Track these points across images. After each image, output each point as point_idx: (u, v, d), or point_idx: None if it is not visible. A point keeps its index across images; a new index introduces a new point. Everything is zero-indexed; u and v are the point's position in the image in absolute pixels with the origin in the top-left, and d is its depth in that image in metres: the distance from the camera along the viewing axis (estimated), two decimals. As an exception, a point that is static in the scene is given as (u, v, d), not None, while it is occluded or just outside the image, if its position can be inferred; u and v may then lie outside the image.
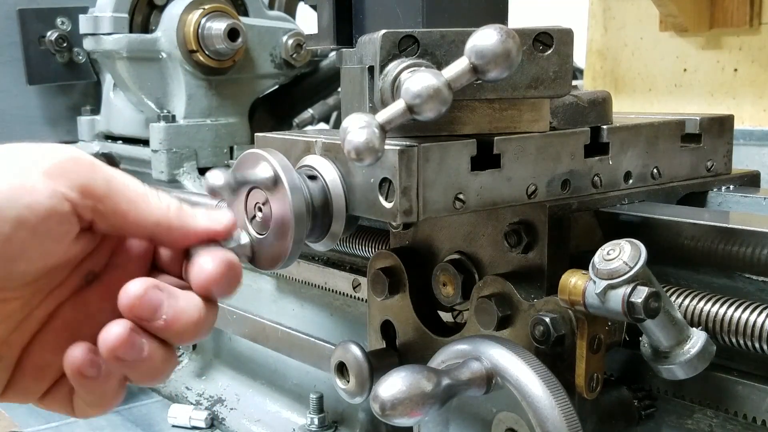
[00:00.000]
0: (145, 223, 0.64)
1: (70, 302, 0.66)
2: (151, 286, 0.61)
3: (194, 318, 0.63)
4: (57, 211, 0.59)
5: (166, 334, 0.62)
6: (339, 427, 1.35)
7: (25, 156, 0.61)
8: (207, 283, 0.63)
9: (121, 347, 0.60)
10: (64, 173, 0.60)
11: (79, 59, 2.00)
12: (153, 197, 0.65)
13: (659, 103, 1.64)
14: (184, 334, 0.63)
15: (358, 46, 0.78)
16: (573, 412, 0.71)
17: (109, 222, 0.62)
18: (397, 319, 0.93)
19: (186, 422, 1.50)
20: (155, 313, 0.61)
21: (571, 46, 0.76)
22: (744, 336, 0.72)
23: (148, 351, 0.61)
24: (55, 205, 0.59)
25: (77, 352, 0.62)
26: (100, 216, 0.62)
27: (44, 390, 0.66)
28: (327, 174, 0.76)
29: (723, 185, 0.95)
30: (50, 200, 0.59)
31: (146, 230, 0.64)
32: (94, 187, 0.61)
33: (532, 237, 0.80)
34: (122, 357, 0.60)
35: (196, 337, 0.64)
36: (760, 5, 1.46)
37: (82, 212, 0.61)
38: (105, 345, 0.60)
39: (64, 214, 0.59)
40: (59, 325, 0.65)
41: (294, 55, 1.82)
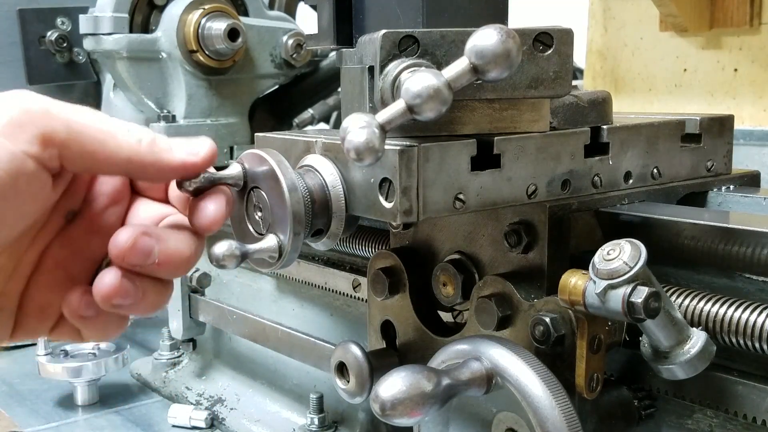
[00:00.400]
0: (116, 160, 0.61)
1: (57, 241, 0.66)
2: (140, 233, 0.61)
3: (186, 255, 0.64)
4: (22, 172, 0.57)
5: (159, 273, 0.63)
6: (339, 427, 1.35)
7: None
8: (209, 225, 0.64)
9: (116, 295, 0.61)
10: (20, 129, 0.58)
11: (79, 59, 2.00)
12: (122, 132, 0.62)
13: (659, 103, 1.64)
14: (177, 271, 0.64)
15: (358, 46, 0.78)
16: (573, 412, 0.71)
17: (78, 165, 0.61)
18: (397, 319, 0.93)
19: (186, 422, 1.50)
20: (146, 259, 0.61)
21: (571, 46, 0.76)
22: (744, 336, 0.72)
23: (142, 291, 0.62)
24: (18, 167, 0.57)
25: (73, 297, 0.63)
26: (67, 161, 0.60)
27: (51, 326, 0.67)
28: (327, 174, 0.76)
29: (723, 185, 0.95)
30: (12, 164, 0.57)
31: (118, 168, 0.62)
32: (54, 134, 0.59)
33: (532, 237, 0.80)
34: (118, 303, 0.61)
35: (188, 269, 0.65)
36: (760, 5, 1.46)
37: (47, 163, 0.59)
38: (100, 294, 0.61)
39: (31, 172, 0.58)
40: (51, 264, 0.66)
41: (294, 55, 1.82)
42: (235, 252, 0.67)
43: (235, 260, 0.67)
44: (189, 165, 0.65)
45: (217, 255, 0.67)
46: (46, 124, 0.59)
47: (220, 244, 0.67)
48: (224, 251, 0.67)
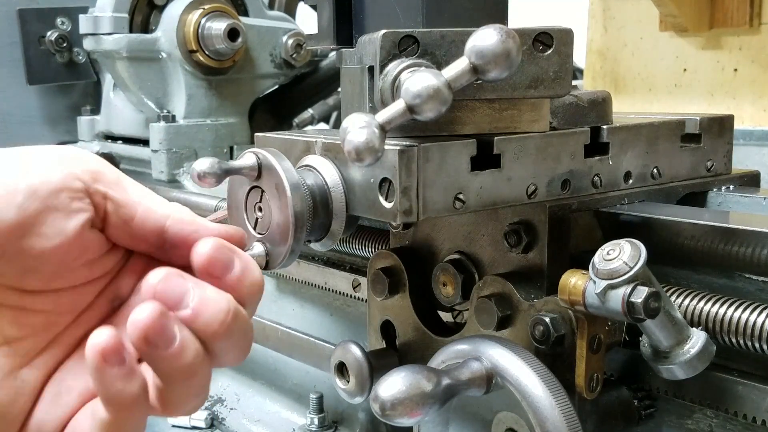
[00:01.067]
0: (156, 214, 0.63)
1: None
2: (173, 273, 0.58)
3: (223, 308, 0.58)
4: (69, 186, 0.60)
5: (195, 326, 0.58)
6: (339, 427, 1.35)
7: (38, 149, 0.62)
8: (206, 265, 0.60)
9: (152, 328, 0.55)
10: (76, 160, 0.62)
11: (79, 59, 2.00)
12: (162, 198, 0.65)
13: (659, 103, 1.64)
14: (214, 327, 0.58)
15: (358, 46, 0.78)
16: (573, 412, 0.71)
17: (120, 213, 0.62)
18: (397, 319, 0.93)
19: (186, 422, 1.50)
20: (181, 301, 0.57)
21: (571, 46, 0.76)
22: (744, 336, 0.72)
23: (180, 340, 0.57)
24: (67, 181, 0.60)
25: (102, 333, 0.56)
26: (111, 205, 0.61)
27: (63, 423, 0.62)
28: (327, 174, 0.76)
29: (723, 185, 0.95)
30: (62, 176, 0.60)
31: (156, 222, 0.63)
32: (105, 174, 0.62)
33: (532, 237, 0.80)
34: (153, 340, 0.55)
35: (230, 337, 0.59)
36: (760, 5, 1.46)
37: (93, 195, 0.61)
38: (135, 325, 0.55)
39: (76, 190, 0.60)
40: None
41: (294, 55, 1.82)
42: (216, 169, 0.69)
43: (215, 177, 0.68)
44: (225, 234, 0.64)
45: (200, 170, 0.68)
46: (99, 165, 0.63)
47: (201, 160, 0.69)
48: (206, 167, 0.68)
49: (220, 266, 0.59)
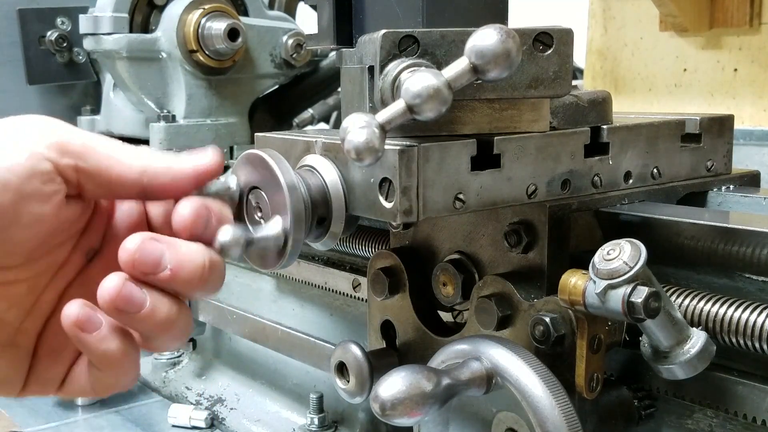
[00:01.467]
0: (130, 173, 0.63)
1: (76, 283, 0.67)
2: (148, 237, 0.60)
3: (199, 264, 0.61)
4: (38, 170, 0.59)
5: (175, 284, 0.61)
6: (339, 427, 1.35)
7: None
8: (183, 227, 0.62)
9: (119, 298, 0.59)
10: (39, 135, 0.61)
11: (79, 59, 2.00)
12: (133, 150, 0.64)
13: (659, 103, 1.64)
14: (193, 282, 0.61)
15: (358, 46, 0.78)
16: (573, 412, 0.71)
17: (95, 180, 0.62)
18: (397, 319, 0.93)
19: (186, 422, 1.50)
20: (158, 265, 0.60)
21: (571, 46, 0.76)
22: (744, 336, 0.72)
23: (151, 303, 0.60)
24: (34, 164, 0.59)
25: (73, 306, 0.60)
26: (84, 175, 0.61)
27: (62, 377, 0.66)
28: (327, 174, 0.76)
29: (723, 185, 0.95)
30: (29, 161, 0.59)
31: (133, 181, 0.63)
32: (71, 144, 0.61)
33: (532, 237, 0.80)
34: (122, 308, 0.59)
35: (205, 287, 0.62)
36: (760, 5, 1.46)
37: (64, 171, 0.61)
38: (102, 297, 0.59)
39: (47, 172, 0.59)
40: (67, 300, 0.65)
41: (294, 55, 1.82)
42: (240, 240, 0.65)
43: (239, 248, 0.65)
44: (201, 169, 0.65)
45: (222, 242, 0.64)
46: (64, 135, 0.62)
47: (224, 229, 0.65)
48: (229, 239, 0.64)
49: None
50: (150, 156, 0.64)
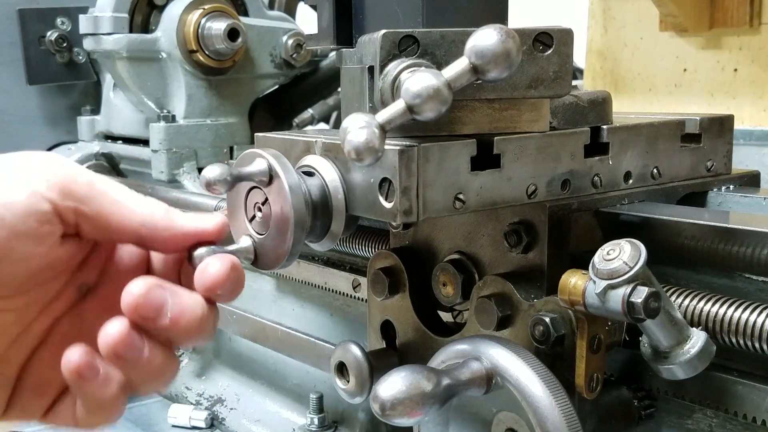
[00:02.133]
0: (130, 224, 0.62)
1: (68, 317, 0.66)
2: (153, 284, 0.60)
3: (198, 315, 0.61)
4: (36, 210, 0.58)
5: (172, 333, 0.61)
6: (339, 427, 1.35)
7: (2, 162, 0.61)
8: (212, 286, 0.62)
9: (122, 344, 0.59)
10: (43, 174, 0.60)
11: (79, 59, 2.00)
12: (138, 199, 0.64)
13: (659, 103, 1.64)
14: (189, 332, 0.61)
15: (358, 46, 0.78)
16: (573, 412, 0.71)
17: (93, 224, 0.62)
18: (397, 319, 0.93)
19: (186, 422, 1.50)
20: (160, 312, 0.60)
21: (571, 46, 0.76)
22: (744, 336, 0.72)
23: (148, 351, 0.60)
24: (33, 203, 0.58)
25: (75, 353, 0.60)
26: (83, 218, 0.61)
27: (46, 407, 0.65)
28: (327, 174, 0.76)
29: (723, 185, 0.95)
30: (29, 199, 0.58)
31: (132, 232, 0.63)
32: (75, 188, 0.61)
33: (532, 237, 0.80)
34: (122, 355, 0.59)
35: (200, 336, 0.63)
36: (760, 5, 1.46)
37: (64, 213, 0.60)
38: (105, 342, 0.59)
39: (44, 213, 0.59)
40: (57, 340, 0.65)
41: (294, 55, 1.82)
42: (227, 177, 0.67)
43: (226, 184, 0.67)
44: (201, 232, 0.64)
45: (210, 178, 0.66)
46: (69, 177, 0.61)
47: (211, 167, 0.66)
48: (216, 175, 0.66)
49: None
50: (153, 209, 0.64)
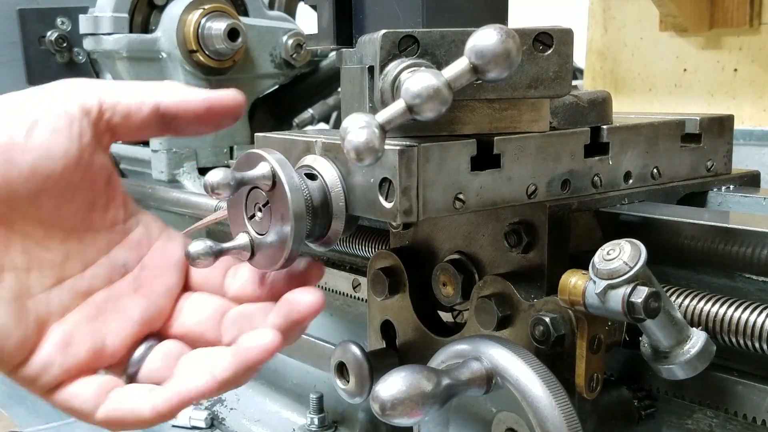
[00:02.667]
0: (148, 94, 0.70)
1: (104, 292, 0.70)
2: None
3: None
4: (66, 112, 0.65)
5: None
6: (339, 427, 1.35)
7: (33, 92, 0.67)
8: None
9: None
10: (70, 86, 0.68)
11: (79, 59, 2.00)
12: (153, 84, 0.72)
13: (659, 103, 1.64)
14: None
15: (358, 46, 0.78)
16: (573, 412, 0.71)
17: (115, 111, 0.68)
18: (397, 319, 0.93)
19: (186, 422, 1.50)
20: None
21: (571, 46, 0.76)
22: (744, 336, 0.72)
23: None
24: (64, 107, 0.65)
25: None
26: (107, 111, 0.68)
27: (64, 370, 0.67)
28: (327, 174, 0.76)
29: (723, 185, 0.95)
30: (59, 106, 0.65)
31: (152, 107, 0.69)
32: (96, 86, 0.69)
33: (532, 237, 0.80)
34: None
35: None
36: (760, 5, 1.46)
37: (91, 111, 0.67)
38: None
39: (73, 115, 0.66)
40: (92, 311, 0.69)
41: (294, 55, 1.82)
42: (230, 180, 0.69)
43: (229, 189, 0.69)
44: (215, 98, 0.71)
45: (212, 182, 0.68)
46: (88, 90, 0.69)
47: (214, 171, 0.69)
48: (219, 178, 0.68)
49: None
50: (164, 88, 0.71)
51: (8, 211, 0.64)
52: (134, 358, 0.71)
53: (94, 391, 0.67)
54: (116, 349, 0.70)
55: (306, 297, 0.68)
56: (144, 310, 0.71)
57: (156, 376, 0.70)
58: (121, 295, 0.70)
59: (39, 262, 0.66)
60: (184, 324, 0.73)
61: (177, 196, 1.58)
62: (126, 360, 0.71)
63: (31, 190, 0.64)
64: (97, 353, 0.69)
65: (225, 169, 0.69)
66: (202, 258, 0.68)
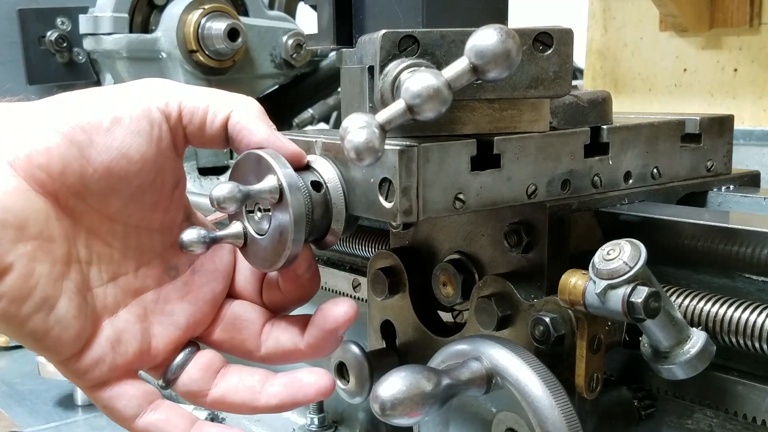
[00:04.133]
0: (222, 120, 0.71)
1: (153, 293, 0.71)
2: None
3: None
4: (148, 115, 0.66)
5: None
6: (339, 427, 1.35)
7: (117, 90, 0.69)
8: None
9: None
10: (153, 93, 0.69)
11: (79, 59, 2.00)
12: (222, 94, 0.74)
13: (659, 103, 1.64)
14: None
15: (358, 46, 0.78)
16: (573, 412, 0.71)
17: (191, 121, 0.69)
18: (397, 319, 0.93)
19: (186, 422, 1.50)
20: None
21: (571, 46, 0.76)
22: (744, 336, 0.72)
23: None
24: (146, 109, 0.67)
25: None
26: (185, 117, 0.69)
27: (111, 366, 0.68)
28: (327, 174, 0.76)
29: (723, 185, 0.95)
30: (141, 107, 0.67)
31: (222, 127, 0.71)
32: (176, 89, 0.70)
33: (532, 237, 0.80)
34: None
35: None
36: (760, 5, 1.47)
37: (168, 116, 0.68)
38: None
39: (155, 118, 0.67)
40: (139, 310, 0.70)
41: (294, 55, 1.82)
42: (237, 195, 0.68)
43: (236, 203, 0.68)
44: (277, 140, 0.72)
45: (218, 197, 0.67)
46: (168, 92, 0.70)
47: (220, 186, 0.68)
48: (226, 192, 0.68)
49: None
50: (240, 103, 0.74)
51: (79, 204, 0.65)
52: (175, 364, 0.71)
53: (138, 398, 0.68)
54: (160, 351, 0.70)
55: (339, 308, 0.71)
56: (189, 316, 0.72)
57: (194, 388, 0.71)
58: (170, 298, 0.71)
59: (99, 257, 0.67)
60: (224, 332, 0.74)
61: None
62: (166, 364, 0.71)
63: (104, 188, 0.65)
64: (143, 354, 0.69)
65: (231, 183, 0.68)
66: (196, 246, 0.69)
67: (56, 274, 0.63)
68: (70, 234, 0.65)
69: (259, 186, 0.70)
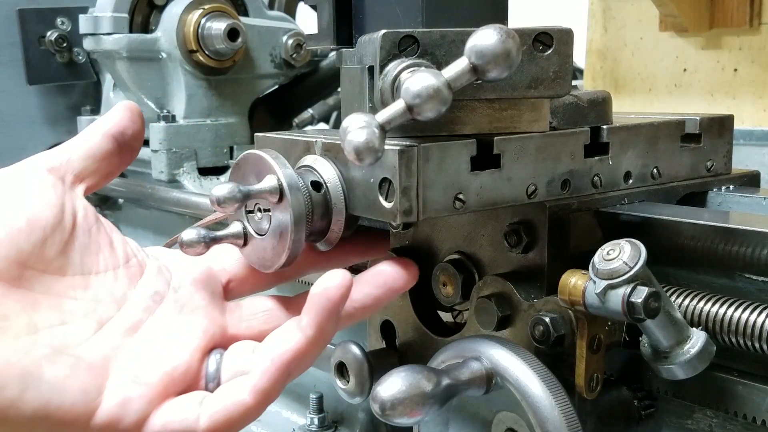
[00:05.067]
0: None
1: (151, 321, 0.71)
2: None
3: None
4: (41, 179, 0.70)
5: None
6: (339, 427, 1.35)
7: (28, 174, 0.70)
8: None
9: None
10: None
11: (79, 59, 2.00)
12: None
13: (659, 103, 1.64)
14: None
15: (358, 46, 0.78)
16: (573, 412, 0.71)
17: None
18: (397, 319, 0.93)
19: (186, 422, 1.49)
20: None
21: (571, 46, 0.76)
22: (744, 336, 0.72)
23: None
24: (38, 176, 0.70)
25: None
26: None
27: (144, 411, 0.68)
28: (327, 174, 0.76)
29: (723, 185, 0.95)
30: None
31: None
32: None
33: (532, 237, 0.80)
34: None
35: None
36: (760, 5, 1.47)
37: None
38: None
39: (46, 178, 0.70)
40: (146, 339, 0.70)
41: (294, 55, 1.82)
42: (237, 195, 0.68)
43: (236, 203, 0.68)
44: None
45: (218, 197, 0.67)
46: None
47: (220, 186, 0.68)
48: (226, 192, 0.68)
49: None
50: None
51: (22, 271, 0.64)
52: (210, 372, 0.71)
53: (187, 404, 0.68)
54: (186, 366, 0.70)
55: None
56: (196, 325, 0.72)
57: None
58: (168, 318, 0.71)
59: (72, 315, 0.66)
60: (242, 327, 0.76)
61: (177, 196, 1.58)
62: (201, 375, 0.71)
63: (35, 242, 0.65)
64: (169, 375, 0.68)
65: (231, 183, 0.69)
66: (195, 246, 0.69)
67: (24, 347, 0.63)
68: (29, 304, 0.64)
69: (259, 186, 0.70)
